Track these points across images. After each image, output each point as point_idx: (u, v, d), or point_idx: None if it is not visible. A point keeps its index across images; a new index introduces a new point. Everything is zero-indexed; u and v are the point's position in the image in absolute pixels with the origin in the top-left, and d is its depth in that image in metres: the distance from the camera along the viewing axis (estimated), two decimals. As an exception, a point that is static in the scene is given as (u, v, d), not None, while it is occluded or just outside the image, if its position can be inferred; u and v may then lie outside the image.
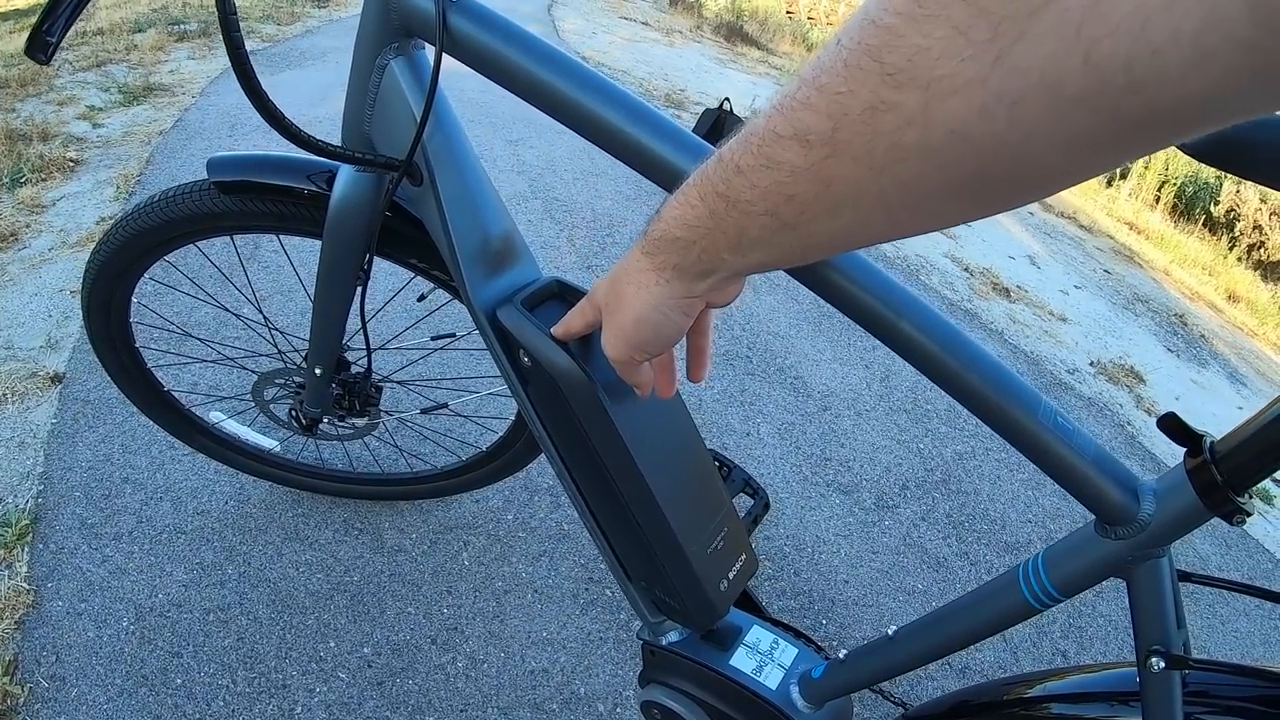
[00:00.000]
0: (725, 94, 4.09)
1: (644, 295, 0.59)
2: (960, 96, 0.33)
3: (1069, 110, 0.31)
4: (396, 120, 0.87)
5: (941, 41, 0.32)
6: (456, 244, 0.89)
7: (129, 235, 1.17)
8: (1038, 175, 0.36)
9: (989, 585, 0.84)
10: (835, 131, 0.38)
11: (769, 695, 1.03)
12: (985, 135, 0.34)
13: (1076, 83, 0.30)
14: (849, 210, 0.42)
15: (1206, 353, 4.11)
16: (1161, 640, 0.73)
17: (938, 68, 0.33)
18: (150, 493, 1.69)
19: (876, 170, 0.39)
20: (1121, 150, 0.33)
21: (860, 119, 0.37)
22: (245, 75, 0.70)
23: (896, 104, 0.35)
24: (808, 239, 0.46)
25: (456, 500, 1.82)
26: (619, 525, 0.95)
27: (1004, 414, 0.72)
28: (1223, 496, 0.62)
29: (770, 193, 0.44)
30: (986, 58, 0.31)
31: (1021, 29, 0.30)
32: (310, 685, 1.42)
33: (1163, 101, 0.29)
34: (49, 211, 2.69)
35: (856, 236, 0.45)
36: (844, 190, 0.41)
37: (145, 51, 4.25)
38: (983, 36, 0.31)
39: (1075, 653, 1.88)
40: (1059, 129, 0.32)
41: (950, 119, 0.34)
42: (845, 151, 0.39)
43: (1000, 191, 0.38)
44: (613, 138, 0.73)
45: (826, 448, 2.29)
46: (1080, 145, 0.33)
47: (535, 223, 3.09)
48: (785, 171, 0.42)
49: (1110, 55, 0.28)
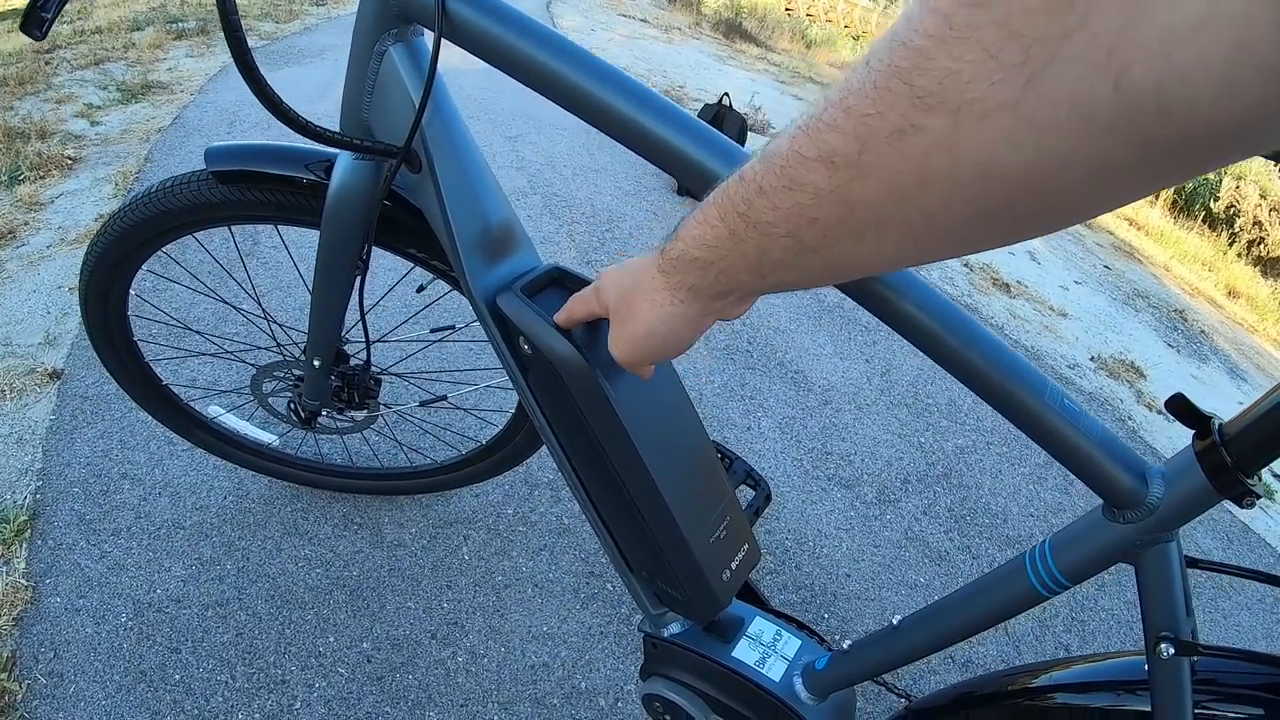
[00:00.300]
0: (724, 90, 4.08)
1: (658, 312, 0.59)
2: (990, 121, 0.33)
3: (1098, 136, 0.31)
4: (395, 107, 0.86)
5: (973, 65, 0.32)
6: (456, 231, 0.88)
7: (127, 226, 1.16)
8: (1064, 203, 0.35)
9: (995, 573, 0.83)
10: (861, 154, 0.38)
11: (772, 687, 1.03)
12: (1013, 161, 0.33)
13: (1106, 109, 0.29)
14: (873, 235, 0.42)
15: (1207, 348, 4.10)
16: (1170, 627, 0.72)
17: (968, 91, 0.32)
18: (149, 488, 1.68)
19: (902, 195, 0.38)
20: (1149, 179, 0.33)
21: (887, 142, 0.36)
22: (244, 60, 0.70)
23: (925, 127, 0.35)
24: (829, 262, 0.46)
25: (456, 495, 1.82)
26: (621, 515, 0.94)
27: (1010, 396, 0.71)
28: (1232, 478, 0.62)
29: (793, 214, 0.43)
30: (1018, 81, 0.31)
31: (1052, 53, 0.29)
32: (309, 680, 1.41)
33: (1192, 129, 0.28)
34: (47, 209, 2.68)
35: (879, 261, 0.45)
36: (868, 214, 0.40)
37: (143, 49, 4.24)
38: (1014, 60, 0.31)
39: (1078, 646, 1.88)
40: (1088, 155, 0.32)
41: (979, 144, 0.34)
42: (871, 175, 0.38)
43: (1025, 219, 0.38)
44: (612, 120, 0.72)
45: (827, 442, 2.29)
46: (1108, 172, 0.32)
47: (535, 218, 3.08)
48: (809, 194, 0.42)
49: (1140, 81, 0.28)
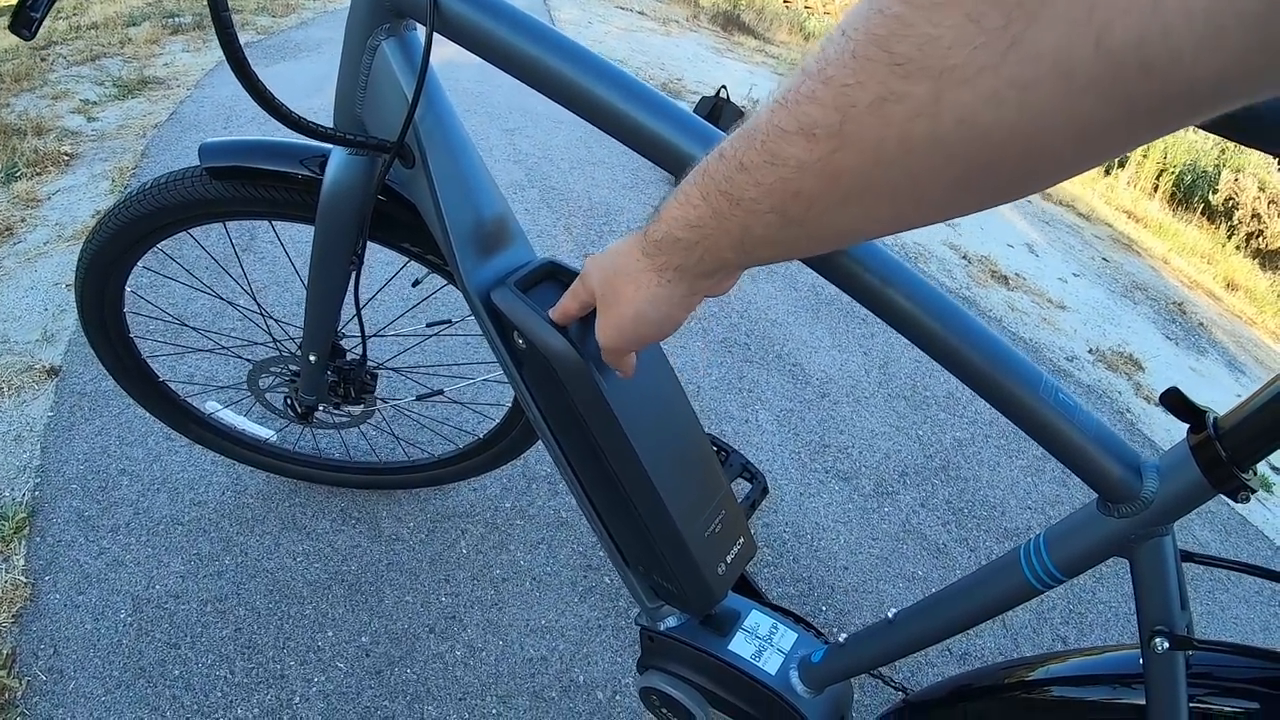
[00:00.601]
0: (722, 82, 4.08)
1: (644, 294, 0.59)
2: (971, 85, 0.33)
3: (1081, 95, 0.31)
4: (388, 102, 0.86)
5: (953, 30, 0.32)
6: (449, 225, 0.88)
7: (122, 223, 1.16)
8: (1048, 164, 0.36)
9: (990, 566, 0.83)
10: (843, 124, 0.38)
11: (768, 680, 1.03)
12: (996, 124, 0.34)
13: (1088, 67, 0.30)
14: (857, 204, 0.42)
15: (1205, 340, 4.10)
16: (1165, 621, 0.72)
17: (950, 56, 0.32)
18: (147, 484, 1.68)
19: (886, 163, 0.38)
20: (1132, 136, 0.33)
21: (868, 111, 0.36)
22: (235, 56, 0.70)
23: (906, 94, 0.35)
24: (814, 233, 0.46)
25: (454, 489, 1.82)
26: (615, 509, 0.94)
27: (1003, 390, 0.71)
28: (1227, 473, 0.62)
29: (775, 189, 0.43)
30: (999, 45, 0.31)
31: (1034, 14, 0.30)
32: (308, 675, 1.42)
33: (1176, 84, 0.29)
34: (44, 206, 2.68)
35: (864, 229, 0.45)
36: (852, 184, 0.40)
37: (140, 45, 4.23)
38: (995, 23, 0.31)
39: (1075, 639, 1.88)
40: (1071, 116, 0.32)
41: (961, 108, 0.34)
42: (853, 145, 0.38)
43: (1010, 181, 0.38)
44: (606, 114, 0.73)
45: (825, 434, 2.29)
46: (1093, 131, 0.33)
47: (532, 211, 3.08)
48: (791, 167, 0.41)
49: (1123, 37, 0.28)
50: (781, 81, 0.43)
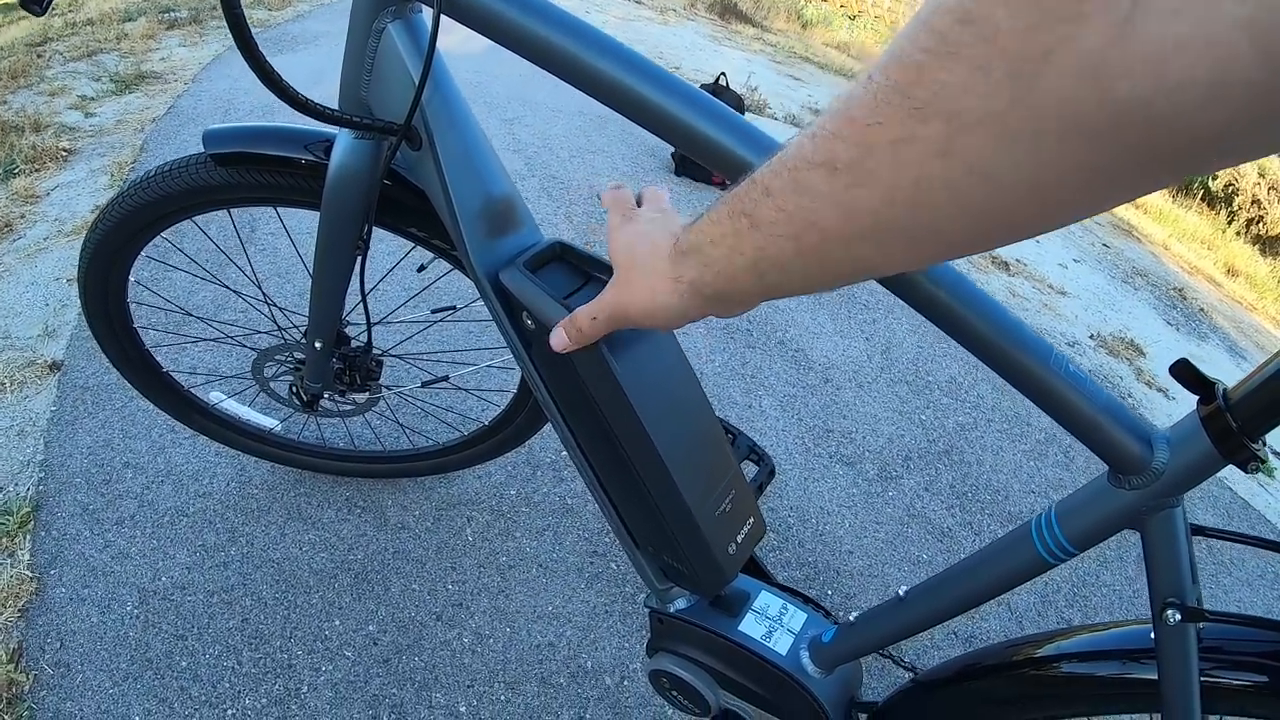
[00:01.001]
0: (720, 70, 4.07)
1: (657, 297, 0.61)
2: (981, 130, 0.34)
3: (1085, 146, 0.32)
4: (394, 85, 0.86)
5: (963, 78, 0.34)
6: (457, 207, 0.88)
7: (125, 212, 1.16)
8: (1056, 207, 0.37)
9: (1001, 541, 0.83)
10: (862, 161, 0.40)
11: (779, 661, 1.03)
12: (1004, 169, 0.35)
13: (1093, 120, 0.31)
14: (871, 240, 0.43)
15: (1206, 326, 4.11)
16: (1176, 593, 0.72)
17: (959, 102, 0.34)
18: (151, 476, 1.68)
19: (900, 202, 0.40)
20: (1138, 184, 0.35)
21: (886, 150, 0.38)
22: (242, 37, 0.70)
23: (921, 137, 0.36)
24: (827, 266, 0.48)
25: (459, 476, 1.82)
26: (626, 489, 0.94)
27: (1015, 362, 0.71)
28: (1238, 443, 0.62)
29: (795, 217, 0.45)
30: (1004, 95, 0.33)
31: (1038, 68, 0.31)
32: (316, 664, 1.42)
33: (1179, 142, 0.30)
34: (43, 201, 2.67)
35: (876, 264, 0.47)
36: (866, 220, 0.42)
37: (136, 40, 4.22)
38: (1001, 75, 0.32)
39: (1080, 621, 1.88)
40: (1077, 163, 0.33)
41: (971, 153, 0.35)
42: (871, 182, 0.40)
43: (1019, 223, 0.39)
44: (614, 92, 0.72)
45: (829, 419, 2.29)
46: (1099, 178, 0.34)
47: (532, 200, 3.08)
48: (811, 197, 0.43)
49: (1126, 96, 0.29)
50: (814, 118, 0.45)
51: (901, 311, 2.89)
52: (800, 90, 6.18)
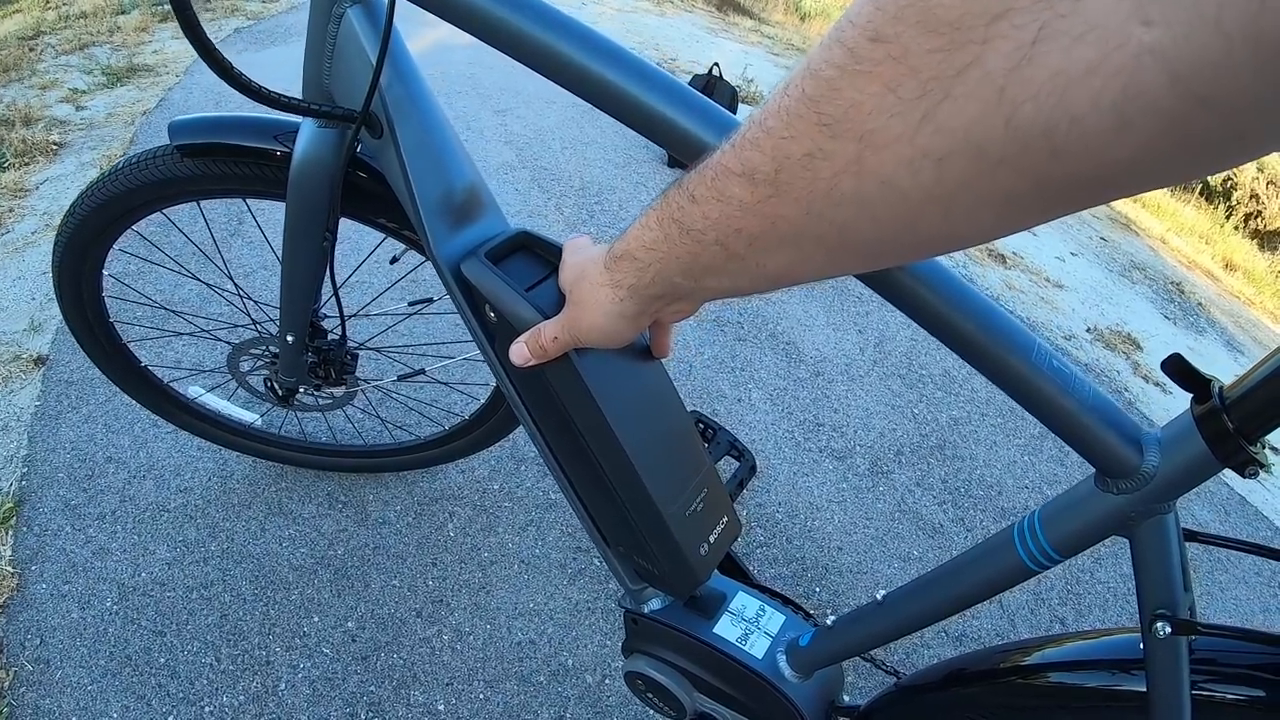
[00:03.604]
0: (714, 61, 4.05)
1: (600, 305, 0.62)
2: (890, 150, 0.35)
3: (994, 170, 0.32)
4: (355, 71, 0.84)
5: (873, 97, 0.34)
6: (418, 195, 0.86)
7: (93, 205, 1.15)
8: (969, 227, 0.37)
9: (982, 546, 0.80)
10: (778, 173, 0.40)
11: (755, 665, 1.01)
12: (915, 189, 0.35)
13: (999, 145, 0.31)
14: (793, 248, 0.44)
15: (1204, 320, 4.09)
16: (1167, 604, 0.69)
17: (869, 122, 0.35)
18: (133, 471, 1.67)
19: (815, 213, 0.40)
20: (1050, 209, 0.35)
21: (799, 163, 0.39)
22: (187, 20, 0.68)
23: (832, 152, 0.37)
24: (755, 270, 0.48)
25: (442, 471, 1.81)
26: (594, 487, 0.92)
27: (990, 355, 0.67)
28: (1234, 446, 0.58)
29: (720, 223, 0.46)
30: (914, 115, 0.33)
31: (947, 89, 0.31)
32: (294, 661, 1.41)
33: (1086, 168, 0.30)
34: (32, 195, 2.66)
35: (802, 271, 0.47)
36: (786, 229, 0.43)
37: (129, 33, 4.19)
38: (910, 94, 0.32)
39: (1073, 619, 1.87)
40: (985, 187, 0.33)
41: (882, 171, 0.36)
42: (787, 193, 0.41)
43: (932, 241, 0.40)
44: (587, 83, 0.70)
45: (819, 413, 2.27)
46: (1008, 204, 0.34)
47: (523, 192, 3.06)
48: (734, 205, 0.44)
49: (1031, 120, 0.29)
50: (740, 125, 0.45)
51: (895, 305, 2.87)
52: (799, 83, 6.13)
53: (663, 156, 3.63)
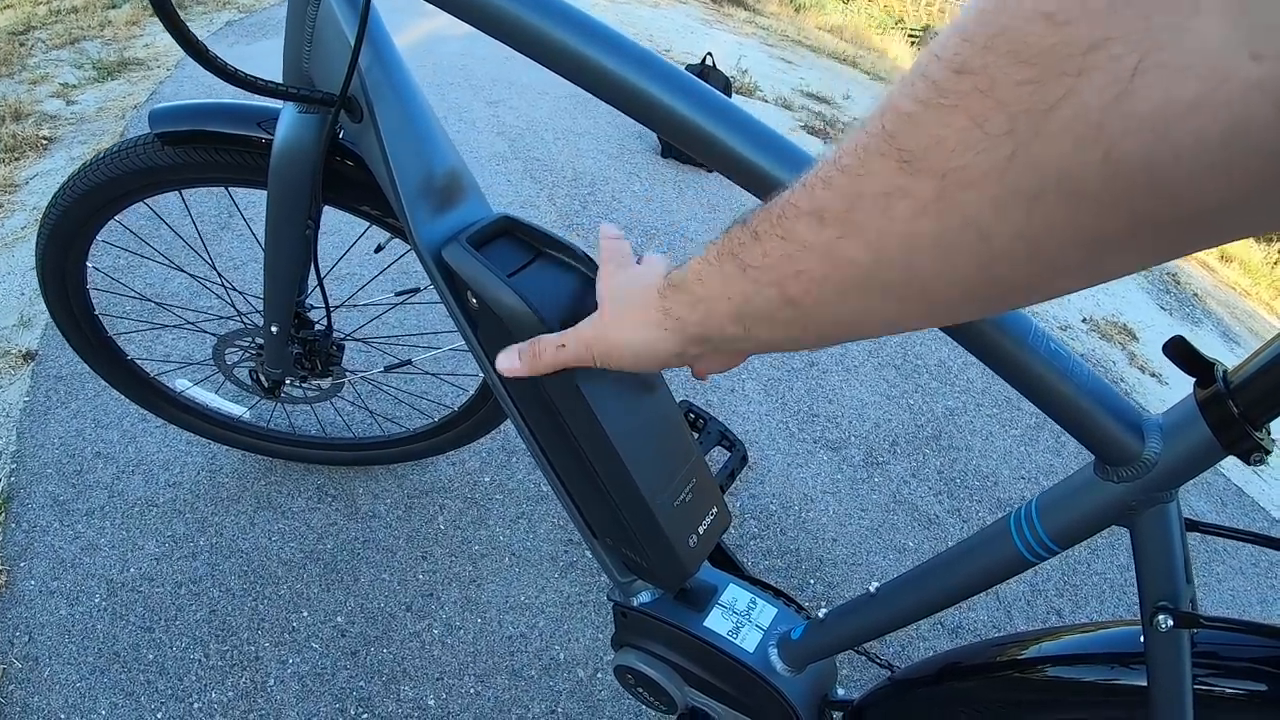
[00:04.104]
0: (707, 51, 4.04)
1: (640, 331, 0.59)
2: (976, 189, 0.33)
3: (1087, 208, 0.30)
4: (334, 54, 0.83)
5: (959, 133, 0.32)
6: (398, 180, 0.84)
7: (76, 196, 1.14)
8: (1053, 274, 0.35)
9: (977, 537, 0.78)
10: (849, 212, 0.38)
11: (746, 658, 0.99)
12: (1000, 231, 0.33)
13: (1096, 181, 0.29)
14: (857, 296, 0.42)
15: (1200, 311, 4.09)
16: (1169, 596, 0.67)
17: (954, 159, 0.32)
18: (122, 466, 1.66)
19: (887, 259, 0.38)
20: (1143, 253, 0.33)
21: (874, 202, 0.37)
22: (159, 4, 0.66)
23: (911, 191, 0.35)
24: (812, 320, 0.46)
25: (432, 464, 1.80)
26: (580, 479, 0.90)
27: (988, 337, 0.65)
28: (1240, 432, 0.56)
29: (780, 264, 0.44)
30: (1003, 151, 0.31)
31: (1039, 124, 0.29)
32: (283, 657, 1.40)
33: (1186, 206, 0.28)
34: (22, 190, 2.64)
35: (864, 324, 0.45)
36: (853, 274, 0.40)
37: (119, 27, 4.18)
38: (999, 129, 0.30)
39: (1070, 612, 1.86)
40: (1077, 227, 0.31)
41: (965, 211, 0.34)
42: (858, 234, 0.38)
43: (1012, 289, 0.37)
44: (572, 63, 0.68)
45: (814, 404, 2.26)
46: (1100, 245, 0.32)
47: (515, 183, 3.05)
48: (797, 245, 0.42)
49: (1131, 154, 0.27)
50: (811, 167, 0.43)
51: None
52: (792, 73, 6.14)
53: (656, 147, 3.62)
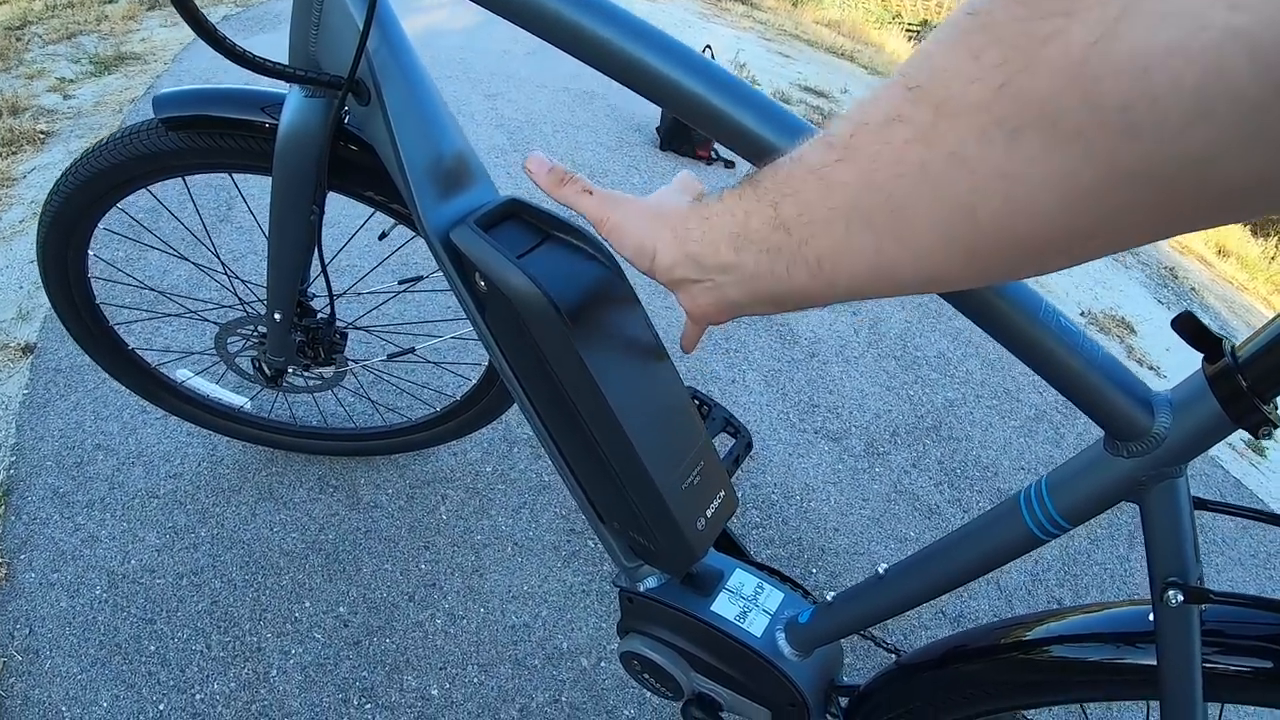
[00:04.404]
0: (706, 44, 4.04)
1: (654, 228, 0.59)
2: (964, 118, 0.34)
3: (1065, 147, 0.31)
4: (341, 37, 0.82)
5: (958, 63, 0.34)
6: (406, 163, 0.84)
7: (79, 182, 1.13)
8: (1028, 221, 0.36)
9: (987, 516, 0.78)
10: (852, 136, 0.40)
11: (753, 643, 0.99)
12: (981, 161, 0.35)
13: (1074, 119, 0.30)
14: (840, 225, 0.43)
15: (1197, 305, 4.10)
16: (1179, 572, 0.67)
17: (950, 87, 0.34)
18: (122, 458, 1.65)
19: (875, 185, 0.39)
20: (1120, 212, 0.33)
21: (875, 128, 0.39)
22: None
23: (909, 118, 0.37)
24: (797, 250, 0.46)
25: (434, 454, 1.79)
26: (588, 461, 0.90)
27: (1000, 313, 0.65)
28: (1248, 405, 0.56)
29: (782, 185, 0.45)
30: (993, 82, 0.33)
31: (1029, 59, 0.31)
32: (285, 647, 1.39)
33: (1160, 155, 0.29)
34: (19, 184, 2.64)
35: (845, 259, 0.45)
36: (840, 199, 0.42)
37: (116, 21, 4.17)
38: (992, 62, 0.32)
39: (1071, 600, 1.87)
40: (1053, 167, 0.32)
41: (952, 140, 0.35)
42: (853, 158, 0.40)
43: (986, 235, 0.38)
44: (582, 42, 0.67)
45: (815, 394, 2.27)
46: (1074, 193, 0.33)
47: (515, 175, 3.05)
48: (802, 166, 0.44)
49: (1110, 95, 0.28)
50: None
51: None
52: (790, 67, 6.13)
53: (654, 140, 3.62)
